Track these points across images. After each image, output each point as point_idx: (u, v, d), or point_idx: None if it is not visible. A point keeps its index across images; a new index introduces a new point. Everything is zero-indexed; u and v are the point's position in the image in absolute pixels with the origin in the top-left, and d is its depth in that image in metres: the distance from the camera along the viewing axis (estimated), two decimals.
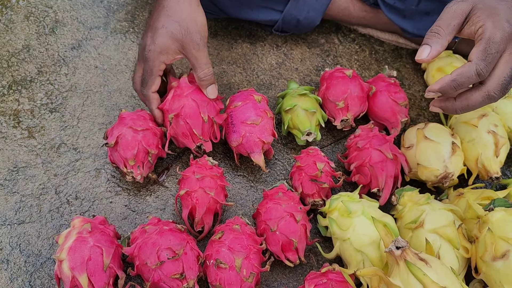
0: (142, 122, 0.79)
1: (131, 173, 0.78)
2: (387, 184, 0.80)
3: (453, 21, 0.65)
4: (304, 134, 0.85)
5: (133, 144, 0.77)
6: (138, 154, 0.77)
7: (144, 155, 0.78)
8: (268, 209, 0.75)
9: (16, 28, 0.98)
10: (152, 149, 0.78)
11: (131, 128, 0.78)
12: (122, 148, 0.77)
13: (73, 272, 0.66)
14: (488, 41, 0.62)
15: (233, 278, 0.68)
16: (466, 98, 0.67)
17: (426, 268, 0.62)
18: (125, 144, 0.77)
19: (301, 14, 0.97)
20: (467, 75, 0.63)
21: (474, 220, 0.75)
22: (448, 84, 0.65)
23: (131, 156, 0.77)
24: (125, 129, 0.78)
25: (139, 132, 0.78)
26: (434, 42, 0.65)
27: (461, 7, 0.66)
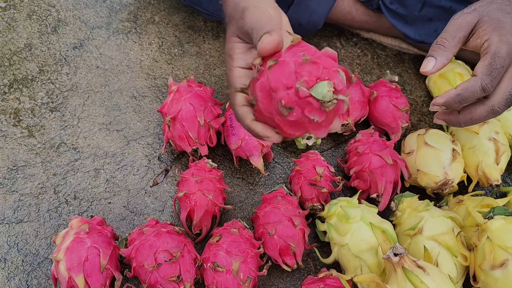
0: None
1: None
2: (387, 190, 0.79)
3: (459, 33, 0.65)
4: (304, 138, 0.85)
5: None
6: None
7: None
8: (267, 213, 0.75)
9: (19, 27, 0.98)
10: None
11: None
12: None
13: (70, 273, 0.66)
14: (494, 56, 0.61)
15: (230, 281, 0.68)
16: (470, 112, 0.66)
17: (423, 275, 0.62)
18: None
19: (303, 18, 0.96)
20: (472, 90, 0.63)
21: (473, 227, 0.75)
22: (453, 98, 0.64)
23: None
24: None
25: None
26: (439, 54, 0.65)
27: (467, 19, 0.65)
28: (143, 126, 0.90)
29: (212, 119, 0.82)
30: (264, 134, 0.49)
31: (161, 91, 0.94)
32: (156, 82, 0.95)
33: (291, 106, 0.43)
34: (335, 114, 0.45)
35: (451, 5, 0.89)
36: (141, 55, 0.98)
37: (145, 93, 0.94)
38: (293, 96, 0.43)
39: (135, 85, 0.94)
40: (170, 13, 1.05)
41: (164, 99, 0.93)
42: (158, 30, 1.02)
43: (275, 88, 0.44)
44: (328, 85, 0.42)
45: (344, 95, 0.44)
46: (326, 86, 0.42)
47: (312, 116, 0.43)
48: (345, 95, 0.44)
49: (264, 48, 0.46)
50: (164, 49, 1.00)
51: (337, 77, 0.43)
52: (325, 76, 0.43)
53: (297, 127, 0.46)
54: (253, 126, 0.50)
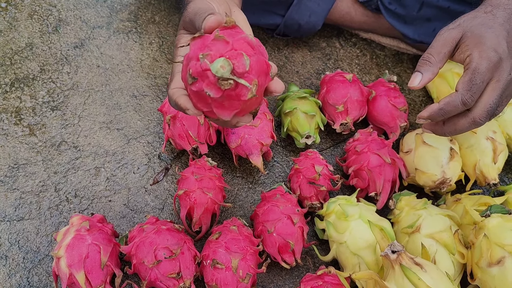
0: None
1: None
2: (385, 188, 0.80)
3: (444, 49, 0.67)
4: (304, 137, 0.85)
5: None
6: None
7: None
8: (266, 210, 0.76)
9: (20, 26, 0.99)
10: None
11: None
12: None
13: (71, 269, 0.66)
14: (474, 72, 0.64)
15: (229, 278, 0.69)
16: (454, 123, 0.69)
17: (421, 272, 0.62)
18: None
19: (302, 18, 0.97)
20: (453, 105, 0.65)
21: (470, 226, 0.75)
22: (436, 112, 0.67)
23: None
24: None
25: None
26: (425, 70, 0.67)
27: (452, 35, 0.67)
28: (144, 125, 0.91)
29: None
30: (185, 106, 0.50)
31: (161, 90, 0.95)
32: (157, 81, 0.96)
33: (195, 76, 0.45)
34: (238, 98, 0.45)
35: (449, 5, 0.90)
36: (141, 55, 0.99)
37: (145, 92, 0.94)
38: (198, 67, 0.44)
39: (136, 84, 0.95)
40: (170, 13, 1.05)
41: (164, 98, 0.94)
42: (159, 30, 1.03)
43: (190, 57, 0.46)
44: (224, 62, 0.43)
45: (245, 80, 0.44)
46: (221, 62, 0.43)
47: (207, 89, 0.44)
48: (250, 82, 0.44)
49: (208, 25, 0.47)
50: (165, 48, 1.00)
51: (239, 60, 0.44)
52: (227, 55, 0.44)
53: (202, 101, 0.47)
54: (178, 100, 0.51)
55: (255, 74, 0.45)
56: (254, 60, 0.45)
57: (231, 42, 0.44)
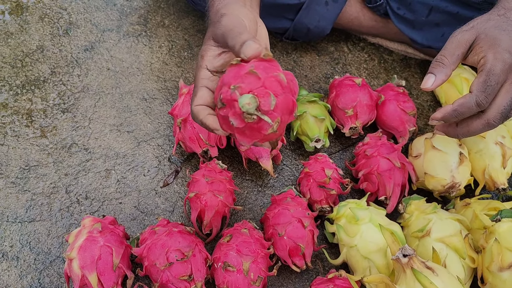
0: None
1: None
2: (395, 192, 0.80)
3: (457, 51, 0.67)
4: (313, 141, 0.86)
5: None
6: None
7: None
8: (276, 214, 0.76)
9: (31, 29, 1.00)
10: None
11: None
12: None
13: (83, 271, 0.66)
14: (488, 73, 0.64)
15: (241, 281, 0.69)
16: (467, 125, 0.69)
17: (432, 276, 0.63)
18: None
19: (311, 23, 0.98)
20: (467, 106, 0.65)
21: (480, 230, 0.76)
22: (450, 113, 0.67)
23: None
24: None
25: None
26: (438, 71, 0.67)
27: (465, 37, 0.68)
28: (154, 127, 0.91)
29: None
30: (213, 127, 0.53)
31: (171, 93, 0.96)
32: (166, 84, 0.97)
33: (224, 102, 0.48)
34: (259, 131, 0.49)
35: (458, 11, 0.91)
36: (151, 58, 0.99)
37: (155, 95, 0.95)
38: (229, 95, 0.48)
39: (146, 87, 0.96)
40: (179, 16, 1.06)
41: (174, 101, 0.94)
42: (168, 33, 1.03)
43: (224, 83, 0.49)
44: (251, 99, 0.46)
45: (269, 117, 0.47)
46: (248, 99, 0.46)
47: (232, 119, 0.48)
48: (273, 120, 0.47)
49: (249, 52, 0.50)
50: (174, 52, 1.01)
51: (266, 98, 0.47)
52: (256, 92, 0.47)
53: (226, 125, 0.50)
54: (205, 120, 0.54)
55: (279, 112, 0.48)
56: (280, 100, 0.48)
57: (263, 79, 0.47)
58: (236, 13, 0.56)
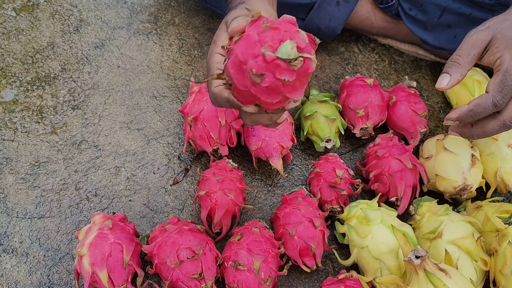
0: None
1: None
2: (406, 194, 0.80)
3: (473, 51, 0.67)
4: (324, 141, 0.85)
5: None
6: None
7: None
8: (287, 213, 0.75)
9: (42, 26, 1.00)
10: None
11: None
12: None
13: (94, 268, 0.66)
14: (505, 73, 0.63)
15: (251, 280, 0.68)
16: (483, 125, 0.68)
17: (446, 278, 0.62)
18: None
19: (322, 22, 0.98)
20: (483, 106, 0.65)
21: (492, 233, 0.75)
22: (466, 113, 0.67)
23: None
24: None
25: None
26: (454, 71, 0.67)
27: (481, 37, 0.67)
28: (163, 125, 0.91)
29: (233, 120, 0.83)
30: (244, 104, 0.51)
31: (181, 91, 0.95)
32: (176, 82, 0.96)
33: (262, 72, 0.45)
34: (306, 74, 0.47)
35: (471, 12, 0.90)
36: (161, 56, 0.99)
37: (165, 93, 0.95)
38: (262, 62, 0.45)
39: (156, 85, 0.95)
40: (190, 15, 1.06)
41: (184, 99, 0.94)
42: (178, 31, 1.03)
43: (244, 60, 0.46)
44: (291, 44, 0.44)
45: (309, 53, 0.45)
46: (289, 44, 0.44)
47: (283, 76, 0.45)
48: (310, 53, 0.46)
49: (234, 27, 0.49)
50: (184, 50, 1.01)
51: (298, 36, 0.45)
52: (287, 37, 0.45)
53: (273, 93, 0.47)
54: (230, 96, 0.52)
55: (311, 46, 0.46)
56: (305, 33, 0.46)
57: (280, 27, 0.45)
58: (254, 4, 0.56)
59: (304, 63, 0.45)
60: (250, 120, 0.56)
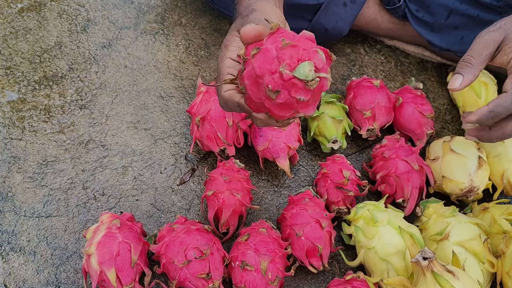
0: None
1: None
2: (413, 195, 0.80)
3: (485, 51, 0.67)
4: (330, 142, 0.86)
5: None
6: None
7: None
8: (294, 214, 0.76)
9: (49, 25, 1.00)
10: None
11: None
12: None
13: (102, 267, 0.66)
14: None
15: (258, 280, 0.69)
16: (501, 127, 0.68)
17: (453, 280, 0.62)
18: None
19: (329, 23, 0.98)
20: (504, 106, 0.64)
21: (499, 235, 0.75)
22: (486, 115, 0.66)
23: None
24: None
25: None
26: (466, 72, 0.67)
27: (493, 37, 0.67)
28: (170, 125, 0.91)
29: (240, 120, 0.83)
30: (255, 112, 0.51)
31: (188, 92, 0.96)
32: (183, 83, 0.97)
33: (277, 89, 0.46)
34: (320, 91, 0.47)
35: (478, 14, 0.90)
36: (168, 56, 1.00)
37: (172, 93, 0.95)
38: (278, 79, 0.45)
39: (163, 85, 0.96)
40: (196, 15, 1.06)
41: (191, 100, 0.94)
42: (185, 32, 1.03)
43: (261, 75, 0.47)
44: (309, 65, 0.44)
45: (325, 72, 0.46)
46: (307, 66, 0.44)
47: (298, 96, 0.45)
48: (327, 73, 0.46)
49: (245, 34, 0.49)
50: (191, 51, 1.01)
51: (316, 57, 0.45)
52: (305, 57, 0.45)
53: (287, 108, 0.48)
54: (243, 103, 0.52)
55: (327, 63, 0.47)
56: (323, 51, 0.47)
57: (299, 45, 0.45)
58: (266, 10, 0.56)
59: (320, 82, 0.45)
60: (261, 123, 0.56)
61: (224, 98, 0.54)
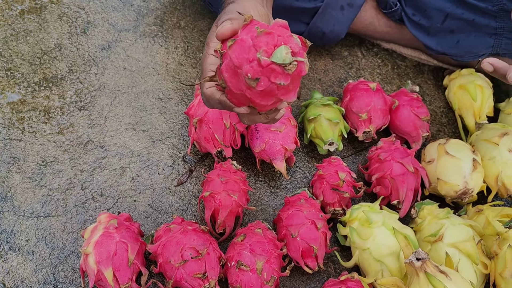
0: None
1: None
2: (408, 197, 0.81)
3: None
4: (326, 144, 0.86)
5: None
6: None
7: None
8: (290, 215, 0.76)
9: (49, 27, 1.01)
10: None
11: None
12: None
13: (99, 266, 0.67)
14: None
15: (254, 280, 0.69)
16: None
17: (446, 280, 0.63)
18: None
19: (327, 27, 0.99)
20: None
21: (493, 236, 0.76)
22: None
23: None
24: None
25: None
26: None
27: None
28: (168, 127, 0.92)
29: (237, 122, 0.84)
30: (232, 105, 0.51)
31: (186, 94, 0.97)
32: (182, 85, 0.98)
33: (257, 76, 0.46)
34: (299, 76, 0.48)
35: (474, 18, 0.91)
36: (167, 58, 1.01)
37: (170, 95, 0.96)
38: (257, 67, 0.46)
39: (161, 87, 0.97)
40: (195, 18, 1.07)
41: (189, 102, 0.95)
42: (184, 34, 1.04)
43: (239, 65, 0.47)
44: (286, 49, 0.45)
45: (302, 57, 0.47)
46: (284, 50, 0.45)
47: (278, 81, 0.46)
48: (303, 57, 0.47)
49: (221, 32, 0.49)
50: (190, 53, 1.02)
51: (292, 41, 0.46)
52: (281, 42, 0.46)
53: (268, 95, 0.48)
54: (223, 98, 0.52)
55: (303, 48, 0.47)
56: (297, 37, 0.48)
57: (273, 32, 0.46)
58: (245, 3, 0.56)
59: (298, 67, 0.46)
60: (248, 120, 0.57)
61: (206, 95, 0.55)
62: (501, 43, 0.92)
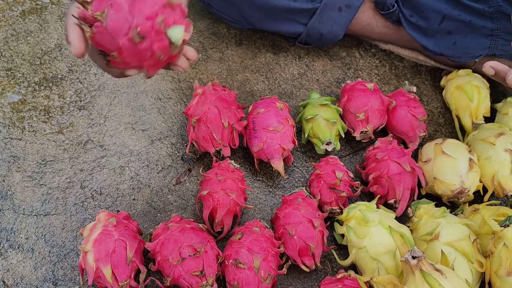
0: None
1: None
2: (404, 196, 0.81)
3: None
4: (324, 144, 0.87)
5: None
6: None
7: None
8: (287, 214, 0.77)
9: (50, 28, 1.02)
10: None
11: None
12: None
13: (98, 264, 0.68)
14: None
15: (251, 278, 0.70)
16: None
17: (441, 278, 0.64)
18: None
19: (325, 28, 0.99)
20: None
21: (488, 235, 0.76)
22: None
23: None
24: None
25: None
26: None
27: None
28: (167, 126, 0.93)
29: (235, 122, 0.85)
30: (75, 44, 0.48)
31: (185, 93, 0.97)
32: (181, 85, 0.98)
33: (144, 35, 0.44)
34: (169, 60, 0.48)
35: (470, 19, 0.92)
36: None
37: (169, 95, 0.97)
38: (150, 27, 0.44)
39: (160, 87, 0.98)
40: (195, 19, 1.08)
41: (188, 101, 0.96)
42: None
43: (135, 13, 0.45)
44: (183, 33, 0.45)
45: (182, 49, 0.48)
46: (181, 32, 0.45)
47: (159, 52, 0.45)
48: (182, 50, 0.48)
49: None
50: None
51: (189, 28, 0.46)
52: (182, 22, 0.45)
53: (137, 57, 0.46)
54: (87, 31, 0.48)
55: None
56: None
57: (180, 10, 0.46)
58: None
59: (177, 54, 0.47)
60: (92, 57, 0.53)
61: (68, 26, 0.49)
62: (497, 44, 0.93)
